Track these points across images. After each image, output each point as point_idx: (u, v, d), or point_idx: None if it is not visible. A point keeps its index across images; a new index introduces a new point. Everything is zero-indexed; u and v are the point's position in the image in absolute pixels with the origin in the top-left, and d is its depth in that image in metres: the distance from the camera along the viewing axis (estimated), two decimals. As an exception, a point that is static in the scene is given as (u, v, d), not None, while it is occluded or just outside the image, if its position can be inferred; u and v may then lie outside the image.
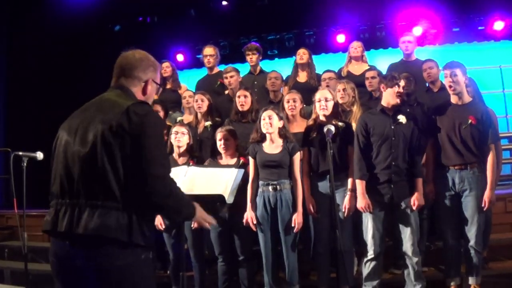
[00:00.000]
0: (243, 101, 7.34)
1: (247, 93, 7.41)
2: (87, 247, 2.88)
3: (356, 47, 8.80)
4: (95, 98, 3.31)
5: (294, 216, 6.13)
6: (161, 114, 7.79)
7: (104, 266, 2.87)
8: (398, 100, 6.05)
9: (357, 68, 8.65)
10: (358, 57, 8.75)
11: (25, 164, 6.31)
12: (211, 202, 3.33)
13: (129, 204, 2.93)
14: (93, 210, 2.88)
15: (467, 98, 6.19)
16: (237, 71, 8.50)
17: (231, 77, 8.33)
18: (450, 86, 6.11)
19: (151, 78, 3.37)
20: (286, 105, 6.91)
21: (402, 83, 6.07)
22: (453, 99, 6.20)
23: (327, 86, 7.60)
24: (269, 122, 6.25)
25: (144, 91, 3.34)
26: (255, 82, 8.70)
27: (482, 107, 6.25)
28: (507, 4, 11.59)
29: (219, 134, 6.53)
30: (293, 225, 6.12)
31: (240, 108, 7.36)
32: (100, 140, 2.92)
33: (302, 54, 8.70)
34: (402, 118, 5.98)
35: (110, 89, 3.32)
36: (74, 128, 3.09)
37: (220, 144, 6.48)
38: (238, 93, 7.48)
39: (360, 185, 6.04)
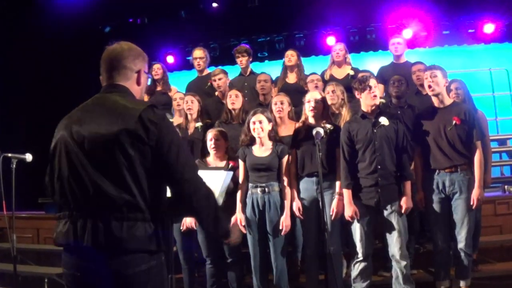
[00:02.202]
0: (234, 99, 7.36)
1: (238, 93, 7.45)
2: (114, 257, 2.82)
3: (337, 50, 8.75)
4: (94, 98, 3.17)
5: (282, 219, 6.14)
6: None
7: (130, 272, 2.83)
8: (375, 101, 6.07)
9: (340, 72, 8.63)
10: (341, 61, 8.72)
11: (14, 165, 6.29)
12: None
13: (154, 213, 2.90)
14: (119, 222, 2.80)
15: (448, 100, 6.22)
16: (225, 73, 8.50)
17: (219, 79, 8.30)
18: (430, 86, 6.14)
19: (142, 69, 3.25)
20: (273, 107, 6.89)
21: (372, 82, 6.06)
22: (435, 102, 6.23)
23: (316, 87, 7.61)
24: (260, 126, 6.26)
25: (138, 82, 3.22)
26: (245, 84, 8.69)
27: (465, 107, 6.26)
28: (497, 7, 11.65)
29: (209, 134, 6.53)
30: (280, 227, 6.13)
31: (230, 106, 7.37)
32: (117, 149, 2.82)
33: (290, 56, 8.67)
34: (384, 121, 5.98)
35: (106, 89, 3.17)
36: (80, 135, 2.94)
37: (210, 144, 6.47)
38: (229, 93, 7.49)
39: (346, 193, 6.04)
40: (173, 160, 2.92)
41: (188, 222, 6.43)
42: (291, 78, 8.63)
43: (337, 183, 6.20)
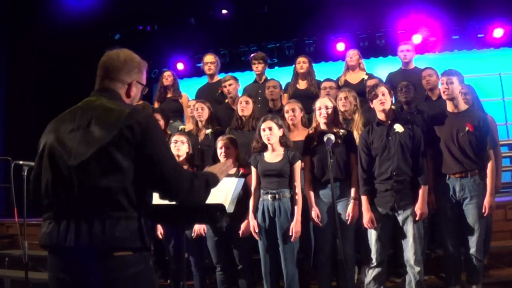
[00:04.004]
0: (244, 106, 7.37)
1: (249, 99, 7.45)
2: (98, 258, 2.84)
3: (351, 55, 8.79)
4: (82, 103, 3.24)
5: (292, 225, 6.10)
6: (162, 123, 7.80)
7: (117, 275, 2.86)
8: (384, 107, 6.09)
9: (354, 77, 8.66)
10: (355, 66, 8.75)
11: (25, 173, 6.31)
12: (211, 212, 3.32)
13: (137, 211, 2.94)
14: (101, 222, 2.83)
15: (463, 106, 6.22)
16: (236, 79, 8.51)
17: (229, 85, 8.33)
18: (444, 92, 6.15)
19: (135, 80, 3.31)
20: (286, 115, 6.92)
21: (380, 90, 6.09)
22: (449, 107, 6.23)
23: (327, 94, 7.61)
24: (269, 133, 6.25)
25: (128, 93, 3.29)
26: (259, 91, 8.65)
27: (479, 114, 6.27)
28: (506, 11, 11.61)
29: (220, 142, 6.51)
30: (290, 233, 6.09)
31: (240, 113, 7.38)
32: (101, 151, 2.87)
33: (302, 63, 8.67)
34: (398, 128, 6.00)
35: (95, 93, 3.27)
36: (66, 138, 3.02)
37: (220, 152, 6.45)
38: (240, 99, 7.51)
39: (364, 200, 6.08)
40: (157, 158, 2.98)
41: (198, 228, 6.44)
42: (302, 84, 8.65)
43: (352, 189, 6.23)
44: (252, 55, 9.33)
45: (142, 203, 2.97)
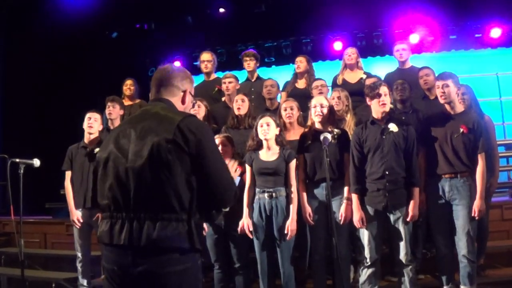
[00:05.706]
0: (240, 104, 7.35)
1: (245, 98, 7.44)
2: (149, 255, 3.02)
3: (350, 54, 8.73)
4: (139, 111, 3.49)
5: (288, 223, 6.10)
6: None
7: (164, 270, 3.02)
8: (385, 109, 6.08)
9: (352, 76, 8.62)
10: (353, 65, 8.71)
11: (22, 171, 6.31)
12: (207, 210, 3.36)
13: (188, 214, 3.10)
14: (153, 223, 3.03)
15: (459, 108, 6.20)
16: (236, 79, 8.48)
17: (229, 83, 8.29)
18: (442, 96, 6.14)
19: (188, 89, 3.54)
20: (283, 113, 6.90)
21: (382, 90, 6.07)
22: (446, 109, 6.21)
23: (320, 93, 7.60)
24: (267, 128, 6.25)
25: (183, 101, 3.51)
26: (252, 89, 8.68)
27: (474, 116, 6.25)
28: (504, 11, 11.61)
29: (216, 140, 6.46)
30: (286, 231, 6.10)
31: (236, 112, 7.36)
32: (156, 156, 3.06)
33: (299, 63, 8.68)
34: (393, 127, 5.99)
35: (151, 102, 3.49)
36: (125, 144, 3.22)
37: (217, 150, 6.42)
38: (236, 98, 7.50)
39: (355, 198, 6.07)
40: (209, 168, 3.14)
41: (203, 229, 6.42)
42: (301, 83, 8.65)
43: (345, 189, 6.21)
44: (243, 52, 9.31)
45: (192, 207, 3.13)
